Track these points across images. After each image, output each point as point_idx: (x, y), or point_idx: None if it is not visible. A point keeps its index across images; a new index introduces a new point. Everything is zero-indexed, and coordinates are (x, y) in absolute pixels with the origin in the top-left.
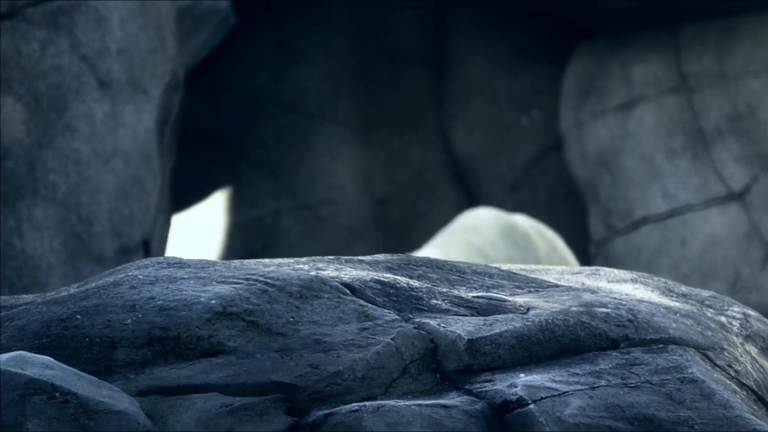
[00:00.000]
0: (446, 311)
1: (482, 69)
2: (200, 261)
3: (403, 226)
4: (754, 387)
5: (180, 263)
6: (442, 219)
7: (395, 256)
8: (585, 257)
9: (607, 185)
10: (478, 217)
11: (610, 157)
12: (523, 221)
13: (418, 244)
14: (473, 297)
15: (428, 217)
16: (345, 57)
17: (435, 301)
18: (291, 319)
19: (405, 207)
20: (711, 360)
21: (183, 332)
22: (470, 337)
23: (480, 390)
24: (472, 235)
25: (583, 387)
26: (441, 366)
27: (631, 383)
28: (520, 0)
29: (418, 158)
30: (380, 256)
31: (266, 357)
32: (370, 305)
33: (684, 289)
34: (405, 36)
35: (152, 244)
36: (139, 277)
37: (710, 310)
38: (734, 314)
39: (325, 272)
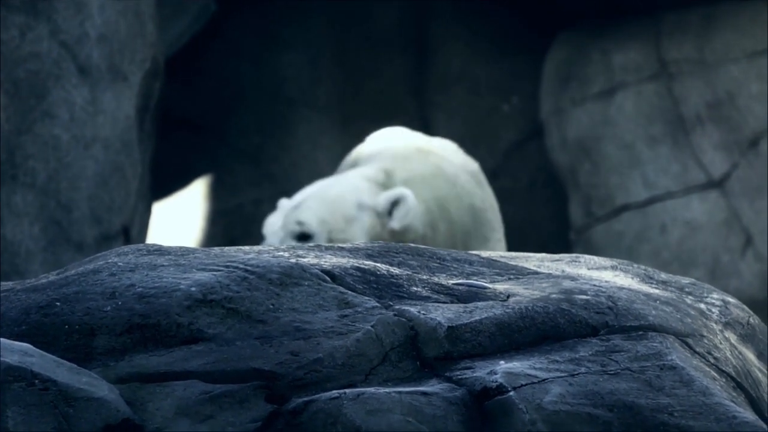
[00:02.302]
0: (426, 298)
1: (462, 56)
2: (180, 248)
3: None
4: (733, 374)
5: (160, 250)
6: None
7: (375, 244)
8: (565, 244)
9: (587, 172)
10: (442, 145)
11: (591, 144)
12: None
13: None
14: (453, 284)
15: None
16: (326, 44)
17: (415, 289)
18: (271, 307)
19: None
20: (690, 347)
21: (163, 319)
22: (450, 324)
23: (460, 377)
24: (445, 163)
25: (563, 374)
26: (421, 353)
27: (610, 370)
28: None
29: None
30: (360, 244)
31: (246, 344)
32: (350, 292)
33: (664, 276)
34: (386, 23)
35: (132, 231)
36: (119, 264)
37: (690, 297)
38: (714, 301)
39: (306, 259)
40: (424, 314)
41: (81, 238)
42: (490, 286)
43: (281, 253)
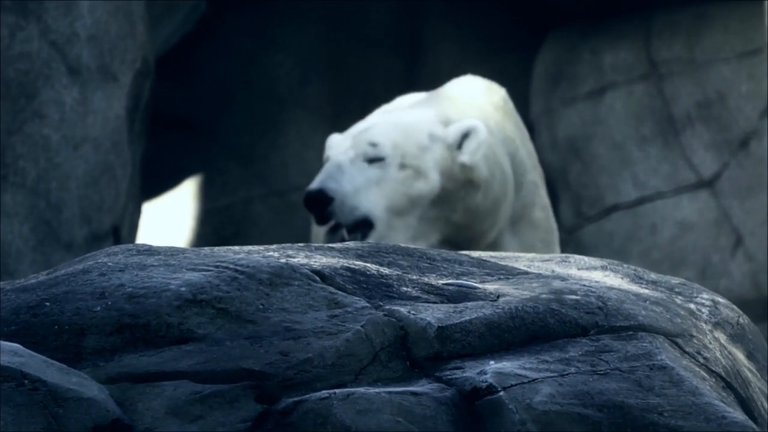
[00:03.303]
0: (416, 298)
1: (453, 56)
2: (170, 248)
3: None
4: (723, 374)
5: (150, 250)
6: None
7: (365, 244)
8: None
9: (577, 172)
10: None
11: (581, 143)
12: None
13: None
14: (443, 284)
15: None
16: (317, 43)
17: (405, 289)
18: (261, 307)
19: None
20: (680, 347)
21: (153, 319)
22: (440, 325)
23: (450, 377)
24: (509, 105)
25: (552, 374)
26: (411, 353)
27: (600, 370)
28: None
29: None
30: (350, 244)
31: (236, 344)
32: (340, 292)
33: (653, 276)
34: (376, 22)
35: (122, 231)
36: (109, 264)
37: (679, 297)
38: (703, 301)
39: (295, 259)
40: (414, 314)
41: (71, 238)
42: (480, 286)
43: (271, 253)
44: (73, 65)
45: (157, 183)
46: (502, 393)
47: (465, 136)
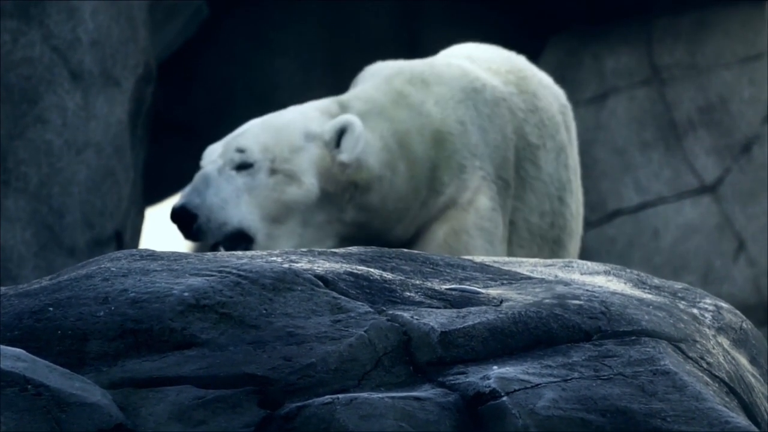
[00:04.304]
0: (419, 303)
1: None
2: (173, 253)
3: None
4: (726, 379)
5: (153, 255)
6: None
7: (368, 249)
8: None
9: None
10: (437, 69)
11: (583, 148)
12: (497, 82)
13: None
14: (446, 289)
15: None
16: (318, 49)
17: (408, 294)
18: (264, 312)
19: None
20: (683, 352)
21: (155, 324)
22: (443, 330)
23: (453, 382)
24: (415, 88)
25: (556, 379)
26: (414, 358)
27: (603, 375)
28: None
29: None
30: (353, 249)
31: (239, 349)
32: (343, 297)
33: (656, 281)
34: (376, 27)
35: (125, 236)
36: (112, 269)
37: (682, 302)
38: (706, 306)
39: (298, 264)
40: (417, 319)
41: (73, 243)
42: (483, 291)
43: (274, 258)
44: (75, 70)
45: (160, 188)
46: (505, 398)
47: (341, 132)
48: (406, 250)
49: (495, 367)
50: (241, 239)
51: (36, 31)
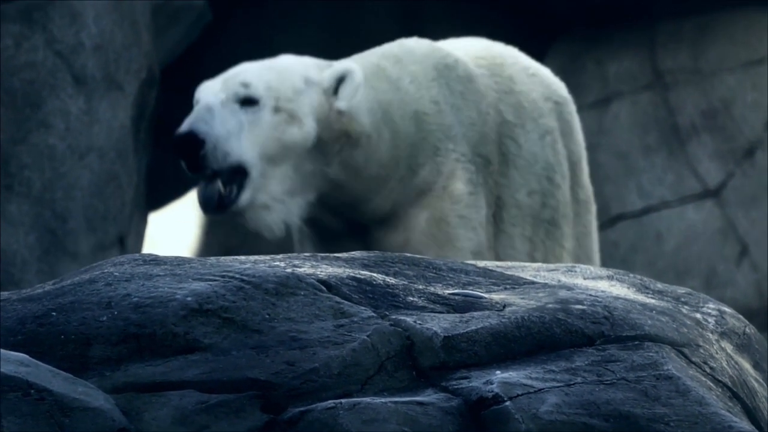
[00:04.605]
0: (422, 308)
1: None
2: (176, 258)
3: None
4: (730, 384)
5: (156, 260)
6: None
7: (371, 253)
8: None
9: None
10: (407, 45)
11: (586, 153)
12: (468, 61)
13: None
14: (449, 294)
15: None
16: (321, 52)
17: (411, 298)
18: (267, 316)
19: None
20: (686, 357)
21: (158, 329)
22: (446, 334)
23: (456, 387)
24: (389, 63)
25: (559, 384)
26: (417, 363)
27: (606, 380)
28: None
29: None
30: (356, 253)
31: (242, 354)
32: (346, 302)
33: (659, 285)
34: (378, 30)
35: (128, 240)
36: (115, 274)
37: (686, 306)
38: (709, 311)
39: (302, 269)
40: (420, 324)
41: (76, 247)
42: (486, 295)
43: (277, 263)
44: (78, 75)
45: (163, 192)
46: (508, 403)
47: (340, 80)
48: (408, 254)
49: (498, 372)
50: (238, 173)
51: (39, 36)
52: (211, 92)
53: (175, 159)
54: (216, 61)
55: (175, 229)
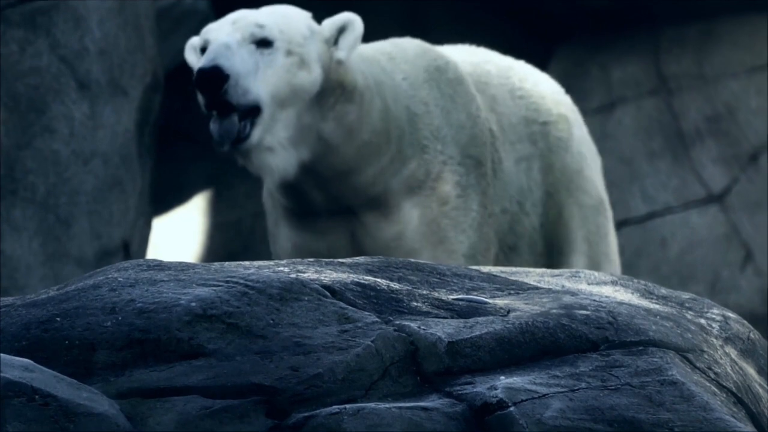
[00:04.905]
0: (426, 313)
1: None
2: (180, 263)
3: None
4: (734, 389)
5: (160, 265)
6: None
7: (375, 259)
8: None
9: None
10: (400, 45)
11: (598, 160)
12: (461, 64)
13: None
14: (453, 299)
15: None
16: None
17: (415, 304)
18: (271, 322)
19: None
20: (691, 362)
21: (163, 334)
22: (450, 339)
23: (460, 392)
24: (384, 58)
25: (563, 389)
26: (421, 368)
27: (611, 385)
28: (500, 2)
29: None
30: (360, 259)
31: (246, 359)
32: (350, 307)
33: (664, 291)
34: (383, 35)
35: (132, 246)
36: (119, 279)
37: (690, 312)
38: (714, 316)
39: (306, 274)
40: (424, 329)
41: (80, 253)
42: (490, 301)
43: (281, 268)
44: (82, 80)
45: (167, 198)
46: (512, 408)
47: (341, 30)
48: (412, 260)
49: (502, 377)
50: (252, 112)
51: (43, 41)
52: (224, 32)
53: (193, 94)
54: None
55: (179, 234)
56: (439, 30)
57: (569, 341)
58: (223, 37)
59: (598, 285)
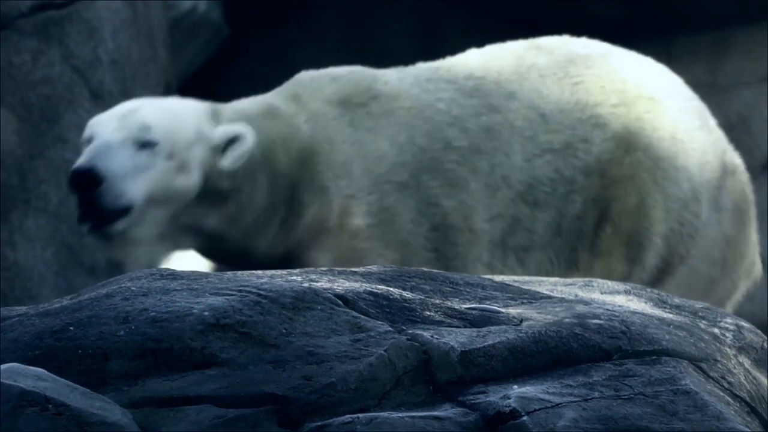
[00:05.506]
0: (439, 323)
1: None
2: (193, 272)
3: None
4: (747, 399)
5: (173, 275)
6: None
7: (388, 268)
8: None
9: None
10: (317, 82)
11: None
12: (411, 91)
13: None
14: (466, 308)
15: None
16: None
17: (428, 313)
18: (284, 331)
19: None
20: (704, 371)
21: (176, 344)
22: (463, 349)
23: (473, 402)
24: (286, 101)
25: (576, 399)
26: (434, 377)
27: (624, 395)
28: (510, 9)
29: None
30: (373, 268)
31: (259, 368)
32: (363, 317)
33: (677, 300)
34: (395, 45)
35: None
36: (132, 288)
37: (703, 321)
38: (727, 326)
39: (318, 284)
40: (437, 339)
41: (93, 262)
42: (503, 310)
43: (294, 278)
44: (95, 90)
45: None
46: (525, 417)
47: (231, 141)
48: (426, 269)
49: (515, 387)
50: (122, 214)
51: (56, 51)
52: (108, 129)
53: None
54: (233, 77)
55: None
56: (451, 41)
57: (582, 351)
58: (106, 134)
59: (611, 294)
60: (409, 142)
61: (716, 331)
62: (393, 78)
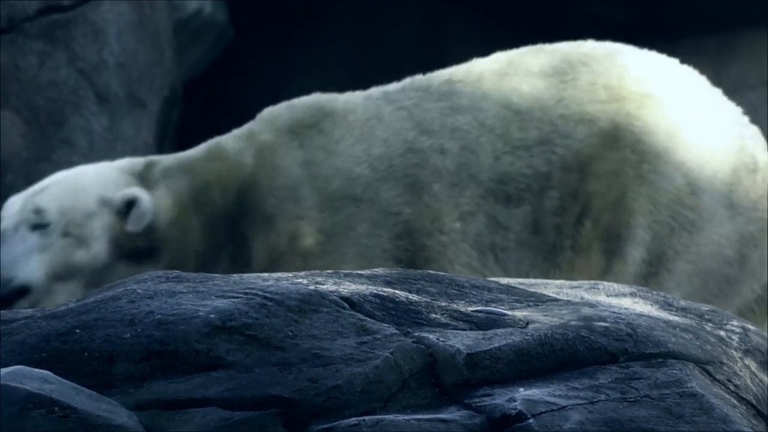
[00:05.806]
0: (445, 325)
1: None
2: (199, 275)
3: None
4: (754, 401)
5: (179, 277)
6: None
7: (394, 270)
8: None
9: None
10: (272, 115)
11: None
12: (372, 107)
13: None
14: (472, 311)
15: None
16: (343, 69)
17: (434, 315)
18: (290, 333)
19: None
20: (710, 374)
21: (182, 346)
22: (469, 351)
23: (479, 404)
24: (234, 139)
25: (582, 401)
26: (440, 380)
27: (630, 398)
28: (518, 13)
29: None
30: (379, 270)
31: (265, 371)
32: (368, 319)
33: (683, 303)
34: (402, 47)
35: None
36: (138, 291)
37: (709, 324)
38: (733, 328)
39: (324, 286)
40: (443, 341)
41: None
42: (509, 313)
43: (300, 280)
44: (101, 93)
45: None
46: (531, 420)
47: (129, 204)
48: (431, 271)
49: (521, 389)
50: (22, 293)
51: (62, 54)
52: (8, 213)
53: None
54: (238, 79)
55: None
56: (458, 48)
57: (588, 353)
58: (6, 220)
59: (617, 297)
60: (365, 153)
61: (722, 333)
62: (357, 96)
